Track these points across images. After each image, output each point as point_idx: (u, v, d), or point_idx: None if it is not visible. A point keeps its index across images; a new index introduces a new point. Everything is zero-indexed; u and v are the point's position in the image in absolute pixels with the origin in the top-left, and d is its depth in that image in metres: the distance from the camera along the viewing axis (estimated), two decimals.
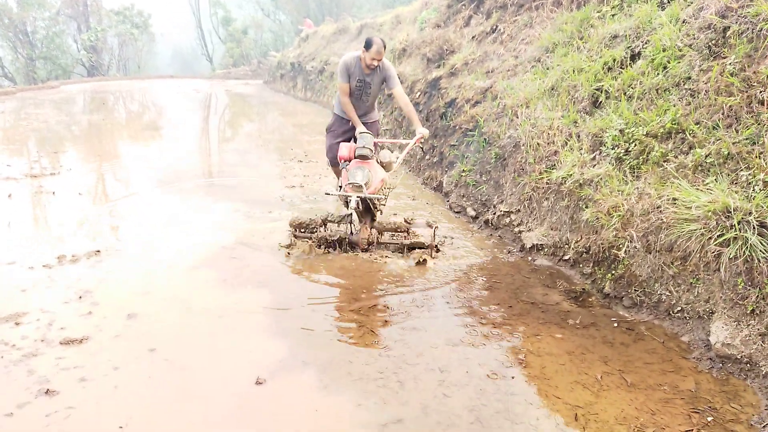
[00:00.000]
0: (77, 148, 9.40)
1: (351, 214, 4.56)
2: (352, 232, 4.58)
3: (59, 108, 14.92)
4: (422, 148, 4.95)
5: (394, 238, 4.66)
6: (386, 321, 3.46)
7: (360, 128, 5.01)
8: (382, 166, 4.57)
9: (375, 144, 4.75)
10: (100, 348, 3.09)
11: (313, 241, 4.55)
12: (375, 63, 4.89)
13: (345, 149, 4.54)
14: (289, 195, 6.32)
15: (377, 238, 4.57)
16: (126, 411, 2.58)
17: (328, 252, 4.55)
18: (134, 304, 3.59)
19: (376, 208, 4.57)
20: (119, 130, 11.70)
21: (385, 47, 4.88)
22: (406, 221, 4.75)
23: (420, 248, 4.54)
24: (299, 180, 6.97)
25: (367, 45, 4.85)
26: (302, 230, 4.61)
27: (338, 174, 5.63)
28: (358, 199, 4.17)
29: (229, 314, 3.52)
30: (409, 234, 4.60)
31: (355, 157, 4.41)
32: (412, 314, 3.54)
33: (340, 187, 4.57)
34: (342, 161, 4.58)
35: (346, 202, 4.30)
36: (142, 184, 6.84)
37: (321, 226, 4.60)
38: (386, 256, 4.49)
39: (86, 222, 5.29)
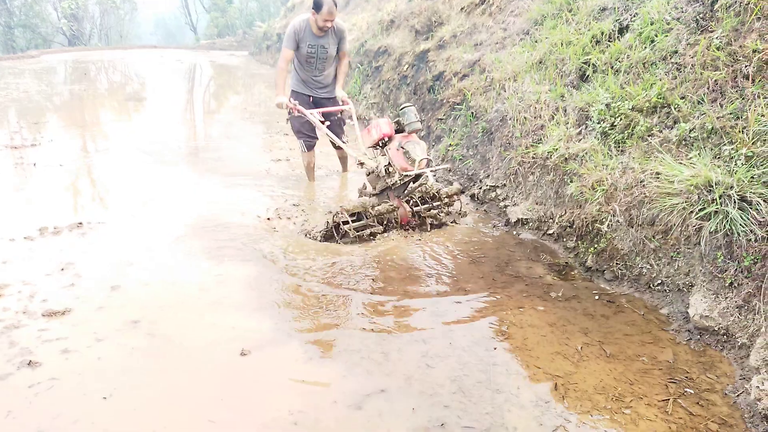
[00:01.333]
0: (58, 119, 9.23)
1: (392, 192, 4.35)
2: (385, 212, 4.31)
3: (39, 78, 14.60)
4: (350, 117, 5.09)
5: (430, 209, 4.54)
6: (371, 293, 3.47)
7: (281, 98, 4.82)
8: None
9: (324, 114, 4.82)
10: (83, 320, 3.07)
11: (352, 230, 4.17)
12: (328, 24, 4.71)
13: (386, 125, 4.26)
14: (275, 168, 6.27)
15: (420, 211, 4.47)
16: (110, 382, 2.58)
17: (371, 238, 4.25)
18: (117, 276, 3.57)
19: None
20: (101, 101, 11.49)
21: (336, 5, 4.68)
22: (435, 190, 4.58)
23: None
24: (285, 153, 6.92)
25: (317, 6, 4.66)
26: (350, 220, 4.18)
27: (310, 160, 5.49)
28: (433, 173, 4.11)
29: (213, 286, 3.52)
30: (443, 204, 4.56)
31: (406, 132, 4.23)
32: (398, 287, 3.56)
33: (387, 165, 4.26)
34: (383, 138, 4.27)
35: (415, 178, 4.20)
36: (125, 155, 6.75)
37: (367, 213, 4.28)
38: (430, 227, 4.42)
39: (68, 194, 5.22)
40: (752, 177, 2.91)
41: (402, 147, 4.13)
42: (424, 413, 2.44)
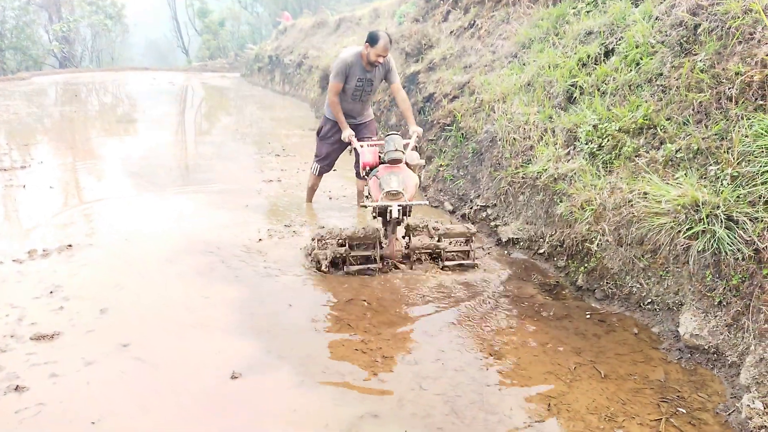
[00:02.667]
0: (49, 141, 9.22)
1: (387, 226, 4.04)
2: (381, 246, 4.05)
3: (30, 100, 14.59)
4: (417, 147, 4.63)
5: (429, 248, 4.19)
6: (363, 315, 3.46)
7: (347, 131, 4.67)
8: (411, 169, 4.11)
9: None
10: (71, 343, 3.04)
11: (326, 260, 3.96)
12: (380, 60, 4.52)
13: (369, 155, 4.10)
14: (266, 189, 6.28)
15: (412, 250, 4.12)
16: (98, 407, 2.54)
17: (353, 274, 3.97)
18: (107, 299, 3.54)
19: (409, 215, 4.05)
20: (92, 123, 11.50)
21: (391, 42, 4.52)
22: (434, 229, 4.18)
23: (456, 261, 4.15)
24: (276, 174, 6.93)
25: (372, 40, 4.47)
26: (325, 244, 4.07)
27: (360, 186, 5.16)
28: (400, 207, 3.73)
29: (203, 308, 3.50)
30: (442, 248, 4.14)
31: (385, 162, 3.96)
32: (389, 308, 3.55)
33: (367, 196, 4.06)
34: (366, 168, 4.15)
35: (381, 213, 3.87)
36: (115, 177, 6.74)
37: (344, 244, 4.03)
38: (426, 271, 4.06)
39: (58, 216, 5.20)
40: (738, 197, 2.96)
41: (377, 177, 3.91)
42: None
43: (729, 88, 3.29)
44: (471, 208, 5.18)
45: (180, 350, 3.04)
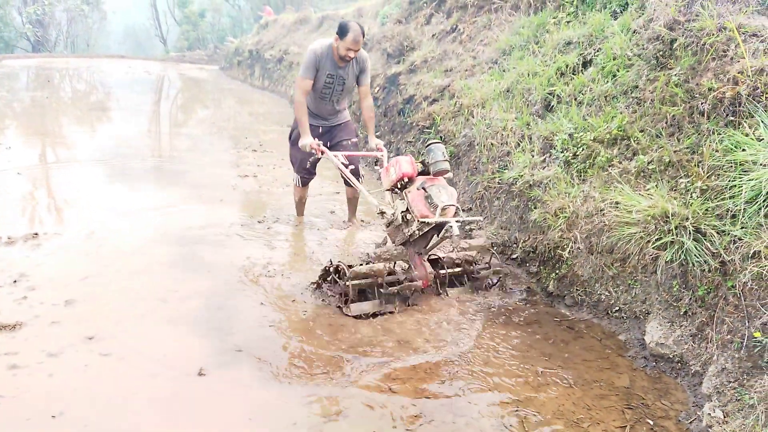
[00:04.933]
0: (18, 126, 8.97)
1: (414, 248, 3.63)
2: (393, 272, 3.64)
3: (0, 83, 14.19)
4: (375, 162, 4.38)
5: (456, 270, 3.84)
6: (333, 315, 3.45)
7: (306, 139, 4.15)
8: None
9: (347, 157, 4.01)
10: (34, 335, 2.96)
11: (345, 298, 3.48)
12: (351, 55, 4.10)
13: (407, 164, 3.55)
14: (242, 184, 6.21)
15: (440, 271, 3.73)
16: (60, 400, 2.48)
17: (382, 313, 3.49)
18: (73, 290, 3.46)
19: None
20: (64, 110, 11.23)
21: (364, 34, 4.10)
22: (465, 252, 3.84)
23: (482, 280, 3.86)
24: (253, 169, 6.86)
25: (342, 32, 4.04)
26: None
27: (301, 196, 4.80)
28: (459, 223, 3.34)
29: (172, 302, 3.44)
30: (472, 265, 3.86)
31: (432, 173, 3.52)
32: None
33: (404, 212, 3.58)
34: (402, 179, 3.57)
35: (426, 232, 3.48)
36: (86, 166, 6.59)
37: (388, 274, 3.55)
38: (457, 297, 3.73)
39: (24, 204, 5.06)
40: (707, 209, 3.02)
41: (424, 189, 3.46)
42: None
43: (702, 103, 3.37)
44: None
45: (146, 344, 2.99)
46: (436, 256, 3.85)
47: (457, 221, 3.33)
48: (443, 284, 3.76)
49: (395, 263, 3.68)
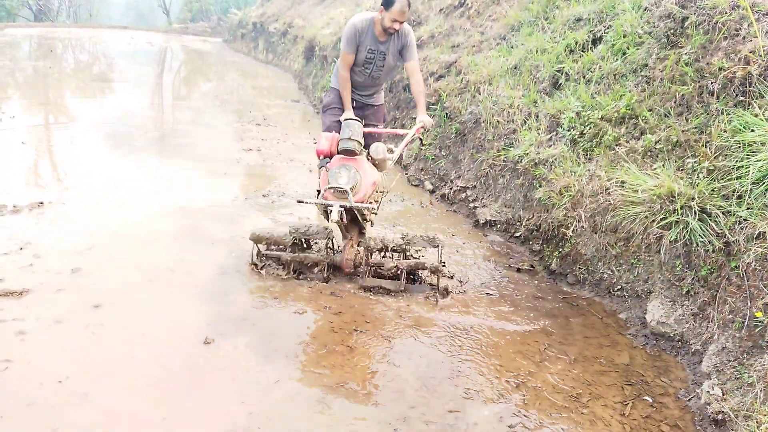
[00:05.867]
0: (22, 96, 8.92)
1: (329, 228, 3.59)
2: (333, 252, 3.65)
3: (2, 52, 14.07)
4: (421, 140, 4.12)
5: (387, 258, 3.62)
6: (337, 289, 3.47)
7: (348, 113, 4.00)
8: (374, 165, 3.56)
9: (365, 134, 3.55)
10: (41, 301, 2.99)
11: (279, 265, 3.58)
12: (396, 27, 3.86)
13: (325, 141, 3.51)
14: (246, 158, 6.20)
15: (366, 258, 3.54)
16: (66, 366, 2.52)
17: (299, 278, 3.54)
18: (78, 259, 3.48)
19: (365, 219, 3.54)
20: (67, 80, 11.16)
21: (410, 5, 3.87)
22: (403, 239, 3.57)
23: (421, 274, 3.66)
24: (257, 143, 6.84)
25: (388, 2, 3.79)
26: (269, 248, 3.65)
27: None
28: (342, 209, 3.22)
29: (178, 272, 3.47)
30: (406, 256, 3.65)
31: (338, 152, 3.43)
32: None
33: (318, 191, 3.55)
34: (321, 157, 3.56)
35: (326, 212, 3.39)
36: (90, 137, 6.57)
37: (291, 246, 3.55)
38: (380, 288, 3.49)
39: (29, 172, 5.06)
40: (713, 190, 3.02)
41: (327, 169, 3.37)
42: (389, 409, 2.46)
43: (711, 83, 3.34)
44: (451, 188, 5.20)
45: (153, 313, 3.02)
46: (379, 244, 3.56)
47: (341, 206, 3.18)
48: (362, 271, 3.53)
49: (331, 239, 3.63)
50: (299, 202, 3.52)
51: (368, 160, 3.52)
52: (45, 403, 2.29)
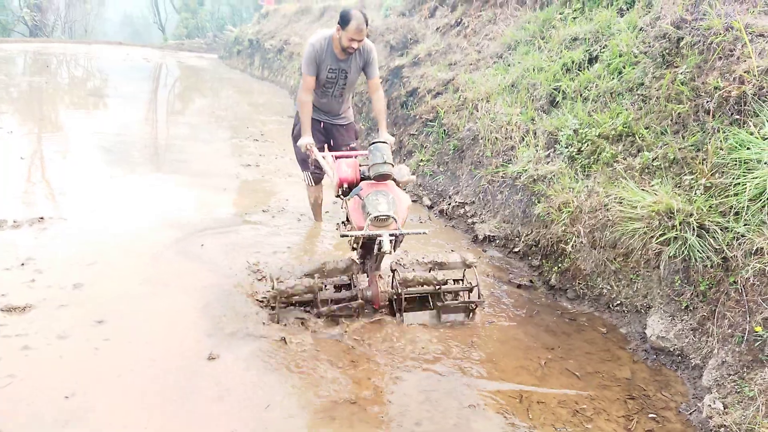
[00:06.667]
0: (17, 111, 8.92)
1: (369, 261, 3.33)
2: (353, 286, 3.35)
3: None
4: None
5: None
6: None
7: (307, 138, 3.83)
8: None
9: (338, 158, 3.42)
10: (44, 317, 2.98)
11: (307, 318, 3.22)
12: (355, 45, 3.76)
13: (347, 168, 3.21)
14: (244, 173, 6.22)
15: (398, 289, 3.30)
16: (72, 382, 2.51)
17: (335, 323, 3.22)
18: (80, 274, 3.48)
19: (398, 246, 3.24)
20: (62, 95, 11.17)
21: (367, 23, 3.74)
22: (437, 264, 3.41)
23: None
24: (254, 159, 6.87)
25: (344, 20, 3.69)
26: (289, 304, 3.28)
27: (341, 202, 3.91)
28: (393, 237, 2.93)
29: (181, 287, 3.47)
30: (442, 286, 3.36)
31: (371, 178, 3.13)
32: None
33: (344, 222, 3.31)
34: (343, 186, 3.24)
35: (365, 245, 3.16)
36: (87, 152, 6.58)
37: (318, 291, 3.20)
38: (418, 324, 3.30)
39: (29, 188, 5.06)
40: (710, 206, 3.07)
41: (361, 198, 3.06)
42: (394, 423, 2.47)
43: (707, 102, 3.41)
44: (449, 204, 5.24)
45: (157, 329, 3.01)
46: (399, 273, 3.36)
47: (391, 234, 2.89)
48: (399, 307, 3.33)
49: (354, 276, 3.36)
50: (343, 236, 3.14)
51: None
52: (51, 419, 2.28)
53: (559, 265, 3.93)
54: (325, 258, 3.82)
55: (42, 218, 4.25)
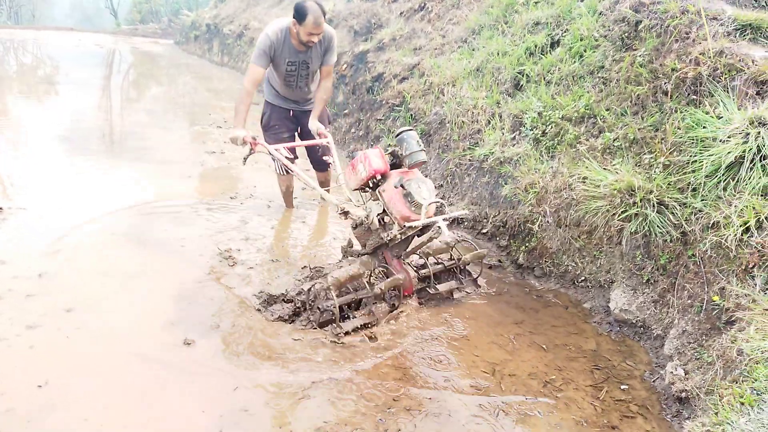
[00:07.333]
0: None
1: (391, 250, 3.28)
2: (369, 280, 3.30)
3: None
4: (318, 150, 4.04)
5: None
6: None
7: (238, 131, 3.69)
8: None
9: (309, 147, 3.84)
10: (10, 307, 2.91)
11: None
12: (314, 39, 3.70)
13: (378, 159, 3.07)
14: (210, 160, 6.13)
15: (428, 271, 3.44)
16: (44, 371, 2.48)
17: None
18: (45, 264, 3.40)
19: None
20: (11, 83, 10.73)
21: (324, 13, 3.66)
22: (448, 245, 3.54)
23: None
24: (219, 146, 6.76)
25: (300, 15, 3.58)
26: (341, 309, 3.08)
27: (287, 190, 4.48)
28: (446, 222, 2.93)
29: (149, 274, 3.43)
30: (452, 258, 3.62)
31: (407, 166, 3.09)
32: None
33: (380, 214, 3.18)
34: (374, 176, 3.09)
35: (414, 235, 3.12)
36: (44, 140, 6.36)
37: (367, 287, 3.20)
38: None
39: None
40: (669, 183, 3.21)
41: (402, 186, 2.98)
42: (371, 397, 2.52)
43: (665, 83, 3.55)
44: None
45: (127, 316, 2.98)
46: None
47: (444, 219, 2.94)
48: (427, 283, 3.48)
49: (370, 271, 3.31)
50: (406, 227, 3.02)
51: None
52: (24, 409, 2.25)
53: (526, 244, 4.04)
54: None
55: (1, 208, 4.11)
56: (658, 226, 3.15)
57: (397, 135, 3.14)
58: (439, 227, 2.91)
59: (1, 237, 3.69)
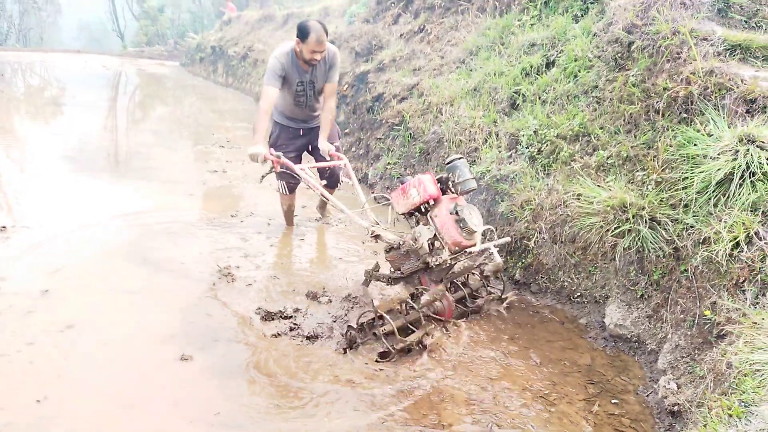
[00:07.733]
0: None
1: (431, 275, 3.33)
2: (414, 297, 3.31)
3: None
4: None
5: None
6: (304, 300, 3.54)
7: (259, 148, 3.74)
8: None
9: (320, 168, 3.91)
10: (11, 323, 2.96)
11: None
12: (317, 57, 3.79)
13: (431, 185, 3.14)
14: (212, 179, 6.22)
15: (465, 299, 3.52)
16: (44, 386, 2.51)
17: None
18: (47, 281, 3.46)
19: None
20: (18, 104, 10.91)
21: (326, 32, 3.77)
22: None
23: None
24: (222, 165, 6.87)
25: (302, 34, 3.70)
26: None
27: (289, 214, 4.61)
28: (497, 249, 3.07)
29: (150, 291, 3.48)
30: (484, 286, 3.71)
31: (458, 193, 3.22)
32: (333, 302, 3.64)
33: (431, 241, 3.18)
34: (427, 201, 3.16)
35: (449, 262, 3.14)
36: (49, 160, 6.47)
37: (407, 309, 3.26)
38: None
39: None
40: (661, 200, 3.26)
41: (456, 213, 3.06)
42: (366, 415, 2.55)
43: (657, 102, 3.61)
44: None
45: (127, 333, 3.03)
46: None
47: (495, 244, 3.12)
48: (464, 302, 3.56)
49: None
50: (454, 253, 3.13)
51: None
52: (24, 423, 2.28)
53: (523, 260, 4.08)
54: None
55: (4, 227, 4.19)
56: (651, 242, 3.18)
57: (449, 162, 3.27)
58: (491, 253, 3.24)
59: (3, 254, 3.75)
